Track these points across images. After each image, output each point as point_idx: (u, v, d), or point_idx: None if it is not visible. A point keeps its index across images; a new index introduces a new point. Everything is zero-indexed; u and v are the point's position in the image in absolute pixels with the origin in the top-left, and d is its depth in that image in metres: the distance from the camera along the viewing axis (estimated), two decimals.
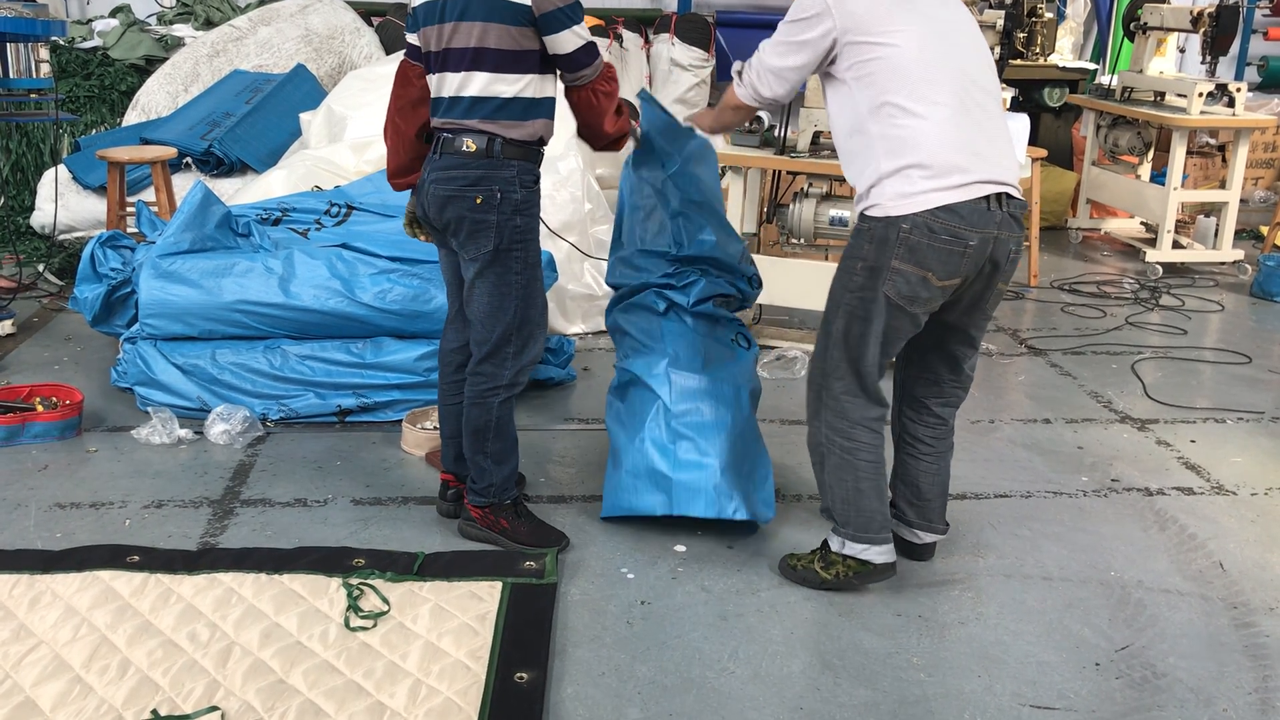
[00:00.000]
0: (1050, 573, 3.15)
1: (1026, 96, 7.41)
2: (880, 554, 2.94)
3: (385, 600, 2.84)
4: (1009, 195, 2.78)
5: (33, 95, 4.72)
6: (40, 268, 5.60)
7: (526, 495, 3.49)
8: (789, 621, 2.86)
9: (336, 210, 4.52)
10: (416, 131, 3.07)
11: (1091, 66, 7.97)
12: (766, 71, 2.93)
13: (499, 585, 2.93)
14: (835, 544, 2.98)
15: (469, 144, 2.89)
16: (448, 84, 2.92)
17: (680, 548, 3.20)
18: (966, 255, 2.72)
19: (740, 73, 3.06)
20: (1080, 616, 2.93)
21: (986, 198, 2.72)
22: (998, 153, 2.79)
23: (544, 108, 2.98)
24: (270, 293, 3.92)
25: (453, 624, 2.75)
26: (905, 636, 2.81)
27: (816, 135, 4.49)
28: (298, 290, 3.92)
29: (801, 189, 4.48)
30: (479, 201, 2.90)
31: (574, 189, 4.85)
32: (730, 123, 3.30)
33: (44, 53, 4.70)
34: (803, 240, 4.49)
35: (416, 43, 3.01)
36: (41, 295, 5.33)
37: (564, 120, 5.30)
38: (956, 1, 2.91)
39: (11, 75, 4.65)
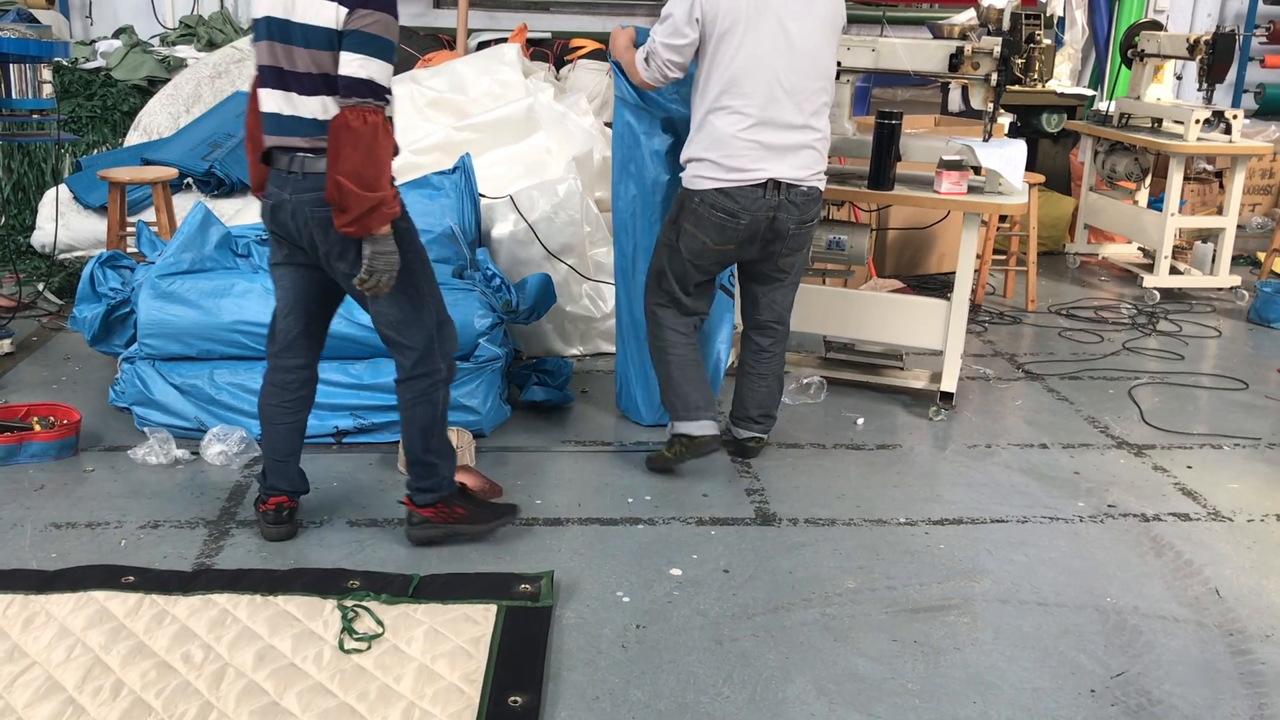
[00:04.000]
0: (1046, 599, 3.14)
1: (1025, 122, 7.44)
2: (697, 427, 3.74)
3: (380, 622, 2.84)
4: (791, 184, 3.56)
5: (35, 115, 4.74)
6: (40, 287, 5.61)
7: (523, 519, 3.49)
8: (784, 646, 2.85)
9: None
10: None
11: (1089, 93, 8.01)
12: (660, 51, 3.55)
13: (494, 608, 2.92)
14: (670, 428, 3.82)
15: None
16: None
17: (676, 571, 3.20)
18: (738, 229, 3.58)
19: (646, 59, 3.59)
20: (1076, 643, 2.92)
21: (764, 185, 3.54)
22: (791, 155, 3.56)
23: None
24: (268, 313, 3.91)
25: (447, 646, 2.75)
26: (901, 662, 2.81)
27: None
28: None
29: None
30: None
31: (572, 211, 4.86)
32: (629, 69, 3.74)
33: (46, 73, 4.73)
34: None
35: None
36: (41, 314, 5.35)
37: (563, 141, 5.34)
38: (810, 13, 3.55)
39: (14, 95, 4.68)
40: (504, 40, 7.34)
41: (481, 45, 7.60)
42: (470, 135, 5.33)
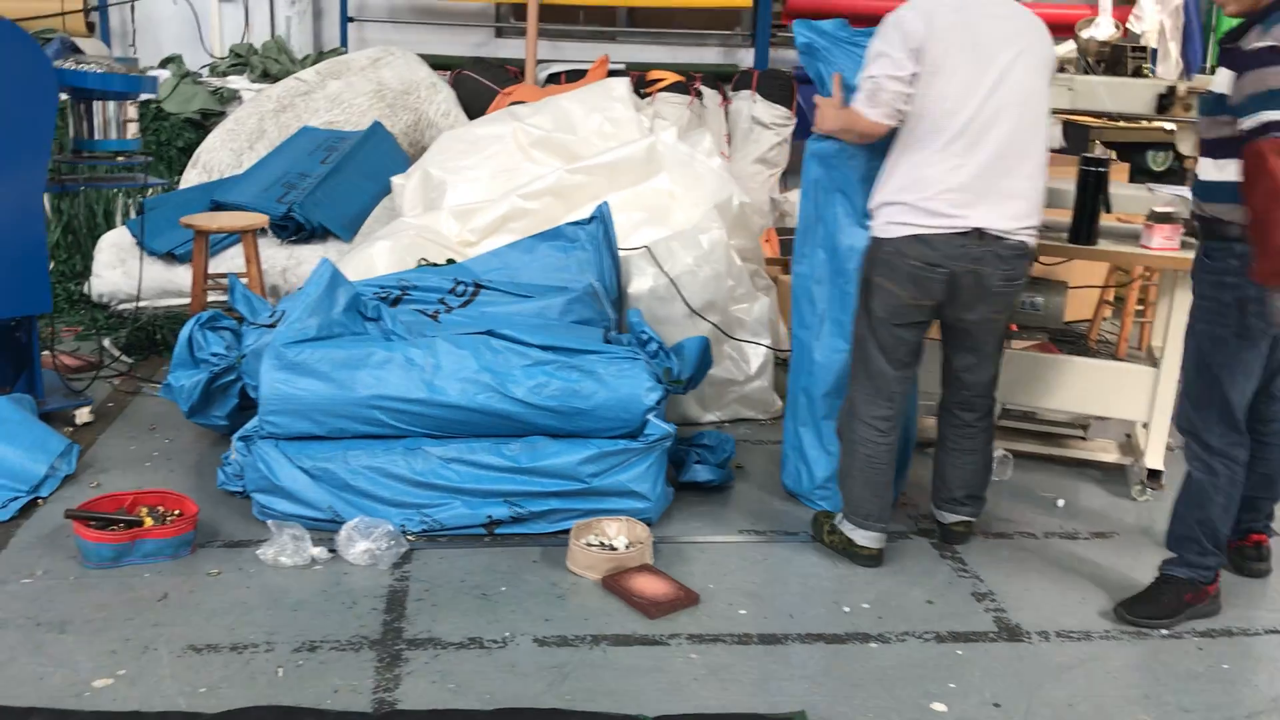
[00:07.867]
0: None
1: (1128, 160, 7.04)
2: (861, 537, 3.41)
3: None
4: (998, 235, 3.15)
5: (119, 157, 4.24)
6: (106, 343, 5.09)
7: (736, 635, 3.00)
8: None
9: (463, 289, 4.05)
10: None
11: None
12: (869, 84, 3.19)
13: None
14: (837, 518, 3.49)
15: None
16: None
17: (939, 707, 2.71)
18: (935, 282, 3.18)
19: (871, 98, 3.17)
20: None
21: (965, 233, 3.13)
22: (1000, 203, 3.14)
23: None
24: (412, 387, 3.44)
25: None
26: None
27: None
28: (443, 384, 3.44)
29: None
30: None
31: (717, 265, 4.39)
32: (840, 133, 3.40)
33: (132, 111, 4.23)
34: None
35: None
36: (111, 376, 4.81)
37: (690, 186, 4.87)
38: (1019, 38, 3.15)
39: (97, 136, 4.19)
40: (579, 73, 6.90)
41: (551, 78, 7.16)
42: (584, 179, 4.85)
